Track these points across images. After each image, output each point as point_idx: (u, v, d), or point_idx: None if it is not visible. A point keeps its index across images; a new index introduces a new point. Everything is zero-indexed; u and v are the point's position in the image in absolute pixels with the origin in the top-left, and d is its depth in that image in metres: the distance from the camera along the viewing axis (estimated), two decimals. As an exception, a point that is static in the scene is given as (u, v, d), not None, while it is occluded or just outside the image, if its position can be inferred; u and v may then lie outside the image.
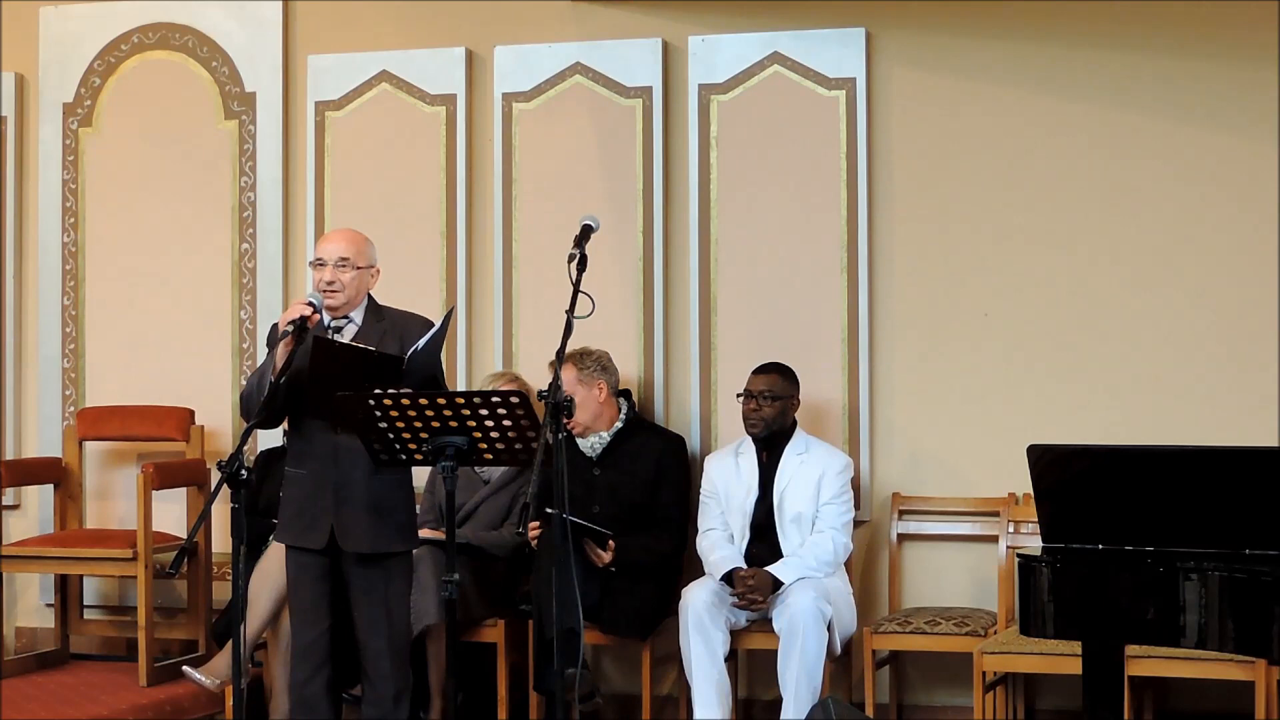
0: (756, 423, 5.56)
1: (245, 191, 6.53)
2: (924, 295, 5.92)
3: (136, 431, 6.38)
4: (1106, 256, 5.77)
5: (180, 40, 6.65)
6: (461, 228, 6.31)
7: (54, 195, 6.72)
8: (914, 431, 5.91)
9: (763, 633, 5.43)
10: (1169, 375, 5.69)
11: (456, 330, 6.26)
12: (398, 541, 4.73)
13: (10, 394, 6.77)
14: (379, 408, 4.29)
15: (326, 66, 6.47)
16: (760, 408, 5.55)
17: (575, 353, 5.68)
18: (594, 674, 5.95)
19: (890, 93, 5.97)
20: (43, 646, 6.53)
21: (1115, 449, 4.55)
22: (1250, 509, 3.98)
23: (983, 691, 5.22)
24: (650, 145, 6.13)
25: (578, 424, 5.64)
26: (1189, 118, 5.71)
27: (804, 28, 6.01)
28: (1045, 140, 5.83)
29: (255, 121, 6.54)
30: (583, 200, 5.98)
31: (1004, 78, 5.87)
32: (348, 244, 4.74)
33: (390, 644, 4.70)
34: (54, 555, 6.10)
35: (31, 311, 6.78)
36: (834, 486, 5.54)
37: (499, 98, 6.29)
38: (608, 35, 6.20)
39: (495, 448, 4.36)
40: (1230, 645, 3.89)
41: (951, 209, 5.91)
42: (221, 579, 6.29)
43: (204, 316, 6.50)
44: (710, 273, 6.07)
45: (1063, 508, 4.22)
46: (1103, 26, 5.77)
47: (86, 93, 6.73)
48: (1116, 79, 5.77)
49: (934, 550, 5.90)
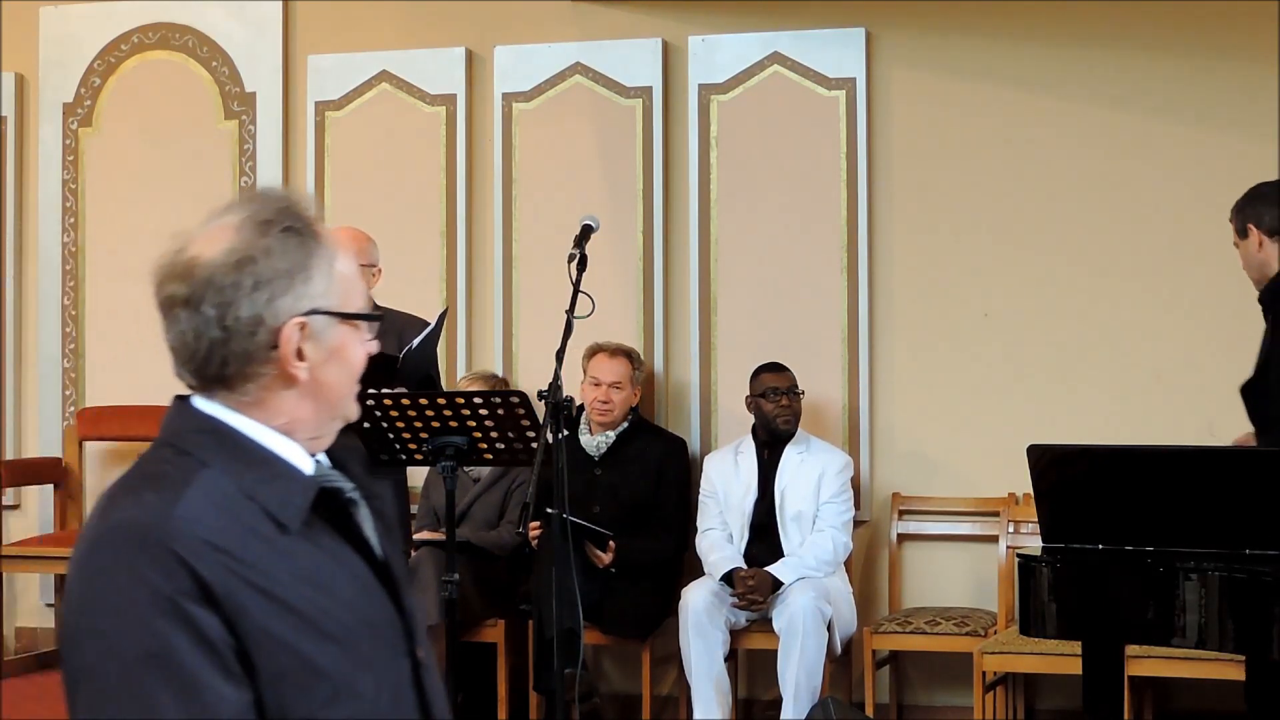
0: (790, 418, 5.58)
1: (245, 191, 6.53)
2: (924, 295, 5.92)
3: (136, 431, 6.37)
4: (1106, 256, 5.77)
5: (180, 40, 6.65)
6: (461, 228, 6.31)
7: (54, 195, 6.72)
8: (914, 431, 5.91)
9: (762, 633, 5.43)
10: (1169, 375, 5.69)
11: (456, 330, 6.27)
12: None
13: (10, 394, 6.77)
14: (379, 408, 4.29)
15: (326, 66, 6.47)
16: (791, 403, 5.57)
17: (627, 349, 5.74)
18: (594, 674, 5.95)
19: (890, 93, 5.97)
20: (43, 646, 6.53)
21: (1115, 449, 4.55)
22: (1250, 509, 3.98)
23: (983, 691, 5.22)
24: (650, 145, 6.13)
25: (612, 412, 5.66)
26: (1189, 118, 5.71)
27: (804, 28, 6.01)
28: (1045, 140, 5.83)
29: (255, 121, 6.54)
30: (583, 200, 5.98)
31: (1004, 78, 5.87)
32: (353, 242, 4.74)
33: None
34: (54, 555, 6.10)
35: (31, 311, 6.78)
36: (834, 485, 5.54)
37: (499, 98, 6.29)
38: (608, 35, 6.20)
39: (495, 448, 4.36)
40: (1230, 645, 3.89)
41: (951, 209, 5.91)
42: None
43: (204, 316, 6.48)
44: (710, 273, 6.07)
45: (1063, 508, 4.21)
46: (1103, 26, 5.78)
47: (86, 93, 6.73)
48: (1116, 79, 5.77)
49: (934, 550, 5.90)
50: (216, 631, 1.65)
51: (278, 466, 1.78)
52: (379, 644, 1.78)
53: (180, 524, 1.67)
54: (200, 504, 1.70)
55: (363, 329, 1.85)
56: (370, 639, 1.77)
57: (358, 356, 1.85)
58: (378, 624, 1.79)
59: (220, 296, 1.79)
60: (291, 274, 1.77)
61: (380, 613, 1.80)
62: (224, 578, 1.66)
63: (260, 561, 1.70)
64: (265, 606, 1.68)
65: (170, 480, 1.72)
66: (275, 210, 1.80)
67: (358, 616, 1.76)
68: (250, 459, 1.77)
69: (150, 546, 1.66)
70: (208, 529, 1.68)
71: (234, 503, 1.72)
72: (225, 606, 1.66)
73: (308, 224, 1.81)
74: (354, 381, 1.86)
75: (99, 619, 1.66)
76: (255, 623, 1.67)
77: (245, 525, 1.71)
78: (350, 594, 1.77)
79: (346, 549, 1.81)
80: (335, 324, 1.81)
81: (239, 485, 1.73)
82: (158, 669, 1.62)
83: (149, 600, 1.64)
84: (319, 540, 1.78)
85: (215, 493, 1.72)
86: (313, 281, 1.78)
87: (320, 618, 1.72)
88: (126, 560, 1.66)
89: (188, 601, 1.64)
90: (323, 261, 1.80)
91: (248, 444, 1.78)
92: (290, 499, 1.76)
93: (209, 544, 1.67)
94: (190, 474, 1.73)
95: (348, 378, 1.84)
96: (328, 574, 1.76)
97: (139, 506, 1.70)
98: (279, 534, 1.73)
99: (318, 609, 1.72)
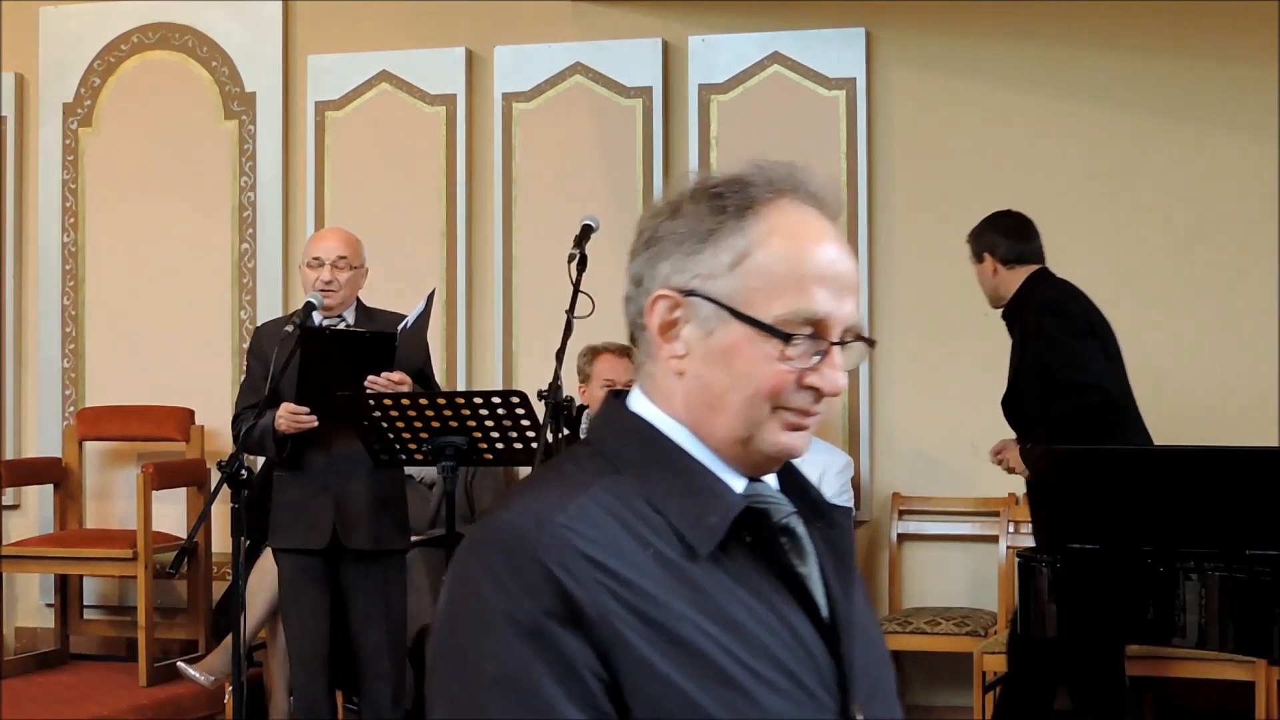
0: None
1: (245, 191, 6.53)
2: (924, 295, 5.92)
3: (136, 431, 6.38)
4: (1106, 256, 5.76)
5: (180, 40, 6.65)
6: (461, 228, 6.31)
7: (54, 195, 6.72)
8: (914, 431, 5.91)
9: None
10: (1169, 375, 5.69)
11: (456, 330, 6.27)
12: (397, 539, 4.73)
13: (10, 394, 6.77)
14: (379, 408, 4.29)
15: (326, 66, 6.47)
16: None
17: (626, 348, 5.72)
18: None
19: (890, 93, 5.97)
20: (43, 646, 6.53)
21: (1114, 449, 4.55)
22: (1250, 509, 3.98)
23: (983, 691, 5.22)
24: (650, 145, 6.13)
25: None
26: (1189, 118, 5.71)
27: (804, 28, 6.01)
28: (1045, 140, 5.83)
29: (255, 121, 6.54)
30: (583, 200, 5.97)
31: (1004, 78, 5.87)
32: (345, 243, 4.73)
33: (389, 642, 4.70)
34: (54, 555, 6.10)
35: (31, 311, 6.78)
36: (834, 485, 5.54)
37: (499, 98, 6.29)
38: (608, 35, 6.20)
39: (495, 448, 4.36)
40: (1230, 645, 3.90)
41: (951, 209, 5.91)
42: (221, 579, 6.29)
43: (204, 316, 6.49)
44: (710, 273, 6.06)
45: (1062, 508, 4.22)
46: (1102, 26, 5.78)
47: (86, 93, 6.73)
48: (1116, 79, 5.77)
49: (934, 550, 5.90)
50: (582, 659, 1.42)
51: (700, 480, 1.52)
52: (797, 701, 1.48)
53: (556, 533, 1.45)
54: (590, 512, 1.47)
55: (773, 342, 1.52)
56: (786, 695, 1.47)
57: (756, 371, 1.52)
58: (799, 676, 1.49)
59: (634, 244, 1.58)
60: (681, 240, 1.54)
61: (805, 663, 1.50)
62: (599, 598, 1.43)
63: (650, 585, 1.44)
64: (648, 637, 1.43)
65: (569, 481, 1.51)
66: (729, 179, 1.56)
67: (773, 665, 1.47)
68: (670, 467, 1.52)
69: (518, 556, 1.44)
70: (588, 541, 1.44)
71: (635, 515, 1.48)
72: (598, 632, 1.42)
73: (749, 201, 1.55)
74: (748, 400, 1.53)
75: (458, 632, 1.47)
76: (635, 656, 1.42)
77: (641, 541, 1.46)
78: (766, 637, 1.48)
79: (772, 584, 1.52)
80: (728, 320, 1.52)
81: (648, 496, 1.50)
82: (509, 696, 1.42)
83: (508, 617, 1.43)
84: (736, 570, 1.50)
85: (614, 502, 1.48)
86: (700, 257, 1.53)
87: (722, 660, 1.44)
88: (492, 569, 1.45)
89: (552, 622, 1.42)
90: (732, 240, 1.53)
91: (672, 451, 1.53)
92: (705, 516, 1.49)
93: (586, 558, 1.44)
94: (594, 477, 1.51)
95: (735, 389, 1.53)
96: (740, 611, 1.48)
97: (522, 508, 1.49)
98: (685, 557, 1.47)
99: (720, 650, 1.45)
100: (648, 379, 1.57)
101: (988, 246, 5.00)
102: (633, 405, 1.58)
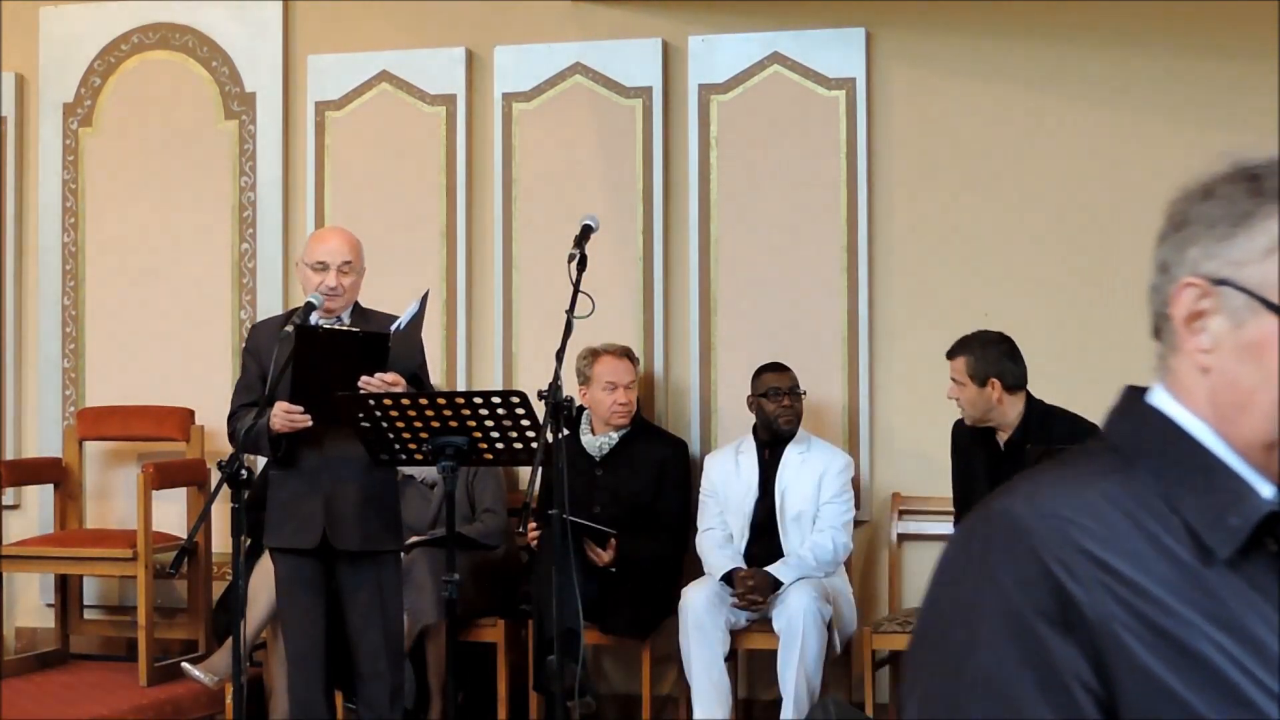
0: (791, 418, 5.59)
1: (245, 191, 6.53)
2: (924, 295, 5.92)
3: (136, 431, 6.38)
4: (1106, 256, 5.77)
5: (180, 40, 6.65)
6: (461, 228, 6.31)
7: (54, 195, 6.72)
8: (914, 431, 5.91)
9: (762, 633, 5.43)
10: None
11: (456, 330, 6.27)
12: (388, 539, 4.73)
13: (10, 394, 6.77)
14: (379, 408, 4.29)
15: (326, 66, 6.47)
16: (792, 403, 5.58)
17: (626, 348, 5.76)
18: (594, 674, 5.95)
19: (890, 93, 5.97)
20: (43, 646, 6.53)
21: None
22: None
23: (983, 691, 5.21)
24: (650, 145, 6.13)
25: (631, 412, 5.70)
26: (1189, 118, 5.71)
27: (804, 28, 6.01)
28: (1045, 140, 5.83)
29: (255, 121, 6.54)
30: (583, 200, 5.98)
31: (1004, 77, 5.87)
32: (350, 248, 4.72)
33: (385, 641, 4.70)
34: (54, 555, 6.10)
35: (31, 311, 6.78)
36: (835, 485, 5.54)
37: (499, 98, 6.29)
38: (608, 35, 6.20)
39: (495, 448, 4.37)
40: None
41: (952, 209, 5.91)
42: (221, 579, 6.29)
43: (204, 316, 6.50)
44: (710, 273, 6.07)
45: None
46: (1102, 26, 5.78)
47: (86, 93, 6.73)
48: (1116, 79, 5.77)
49: (934, 550, 5.86)
50: (1071, 667, 1.31)
51: (1222, 479, 1.39)
52: None
53: (1057, 525, 1.35)
54: (1097, 506, 1.36)
55: None
56: None
57: None
58: None
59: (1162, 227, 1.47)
60: (1213, 224, 1.42)
61: None
62: (1101, 600, 1.32)
63: (1158, 588, 1.33)
64: (1154, 646, 1.31)
65: (1078, 473, 1.42)
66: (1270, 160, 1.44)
67: None
68: (1191, 464, 1.40)
69: (1013, 547, 1.35)
70: (1092, 536, 1.34)
71: (1148, 512, 1.37)
72: (1097, 637, 1.32)
73: None
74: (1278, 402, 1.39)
75: (942, 621, 1.39)
76: (1136, 666, 1.31)
77: (1152, 540, 1.36)
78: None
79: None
80: (1260, 311, 1.39)
81: (1165, 494, 1.38)
82: (987, 699, 1.32)
83: (997, 612, 1.33)
84: (1258, 580, 1.36)
85: (1125, 497, 1.38)
86: (1234, 242, 1.40)
87: (1235, 677, 1.31)
88: (986, 558, 1.36)
89: (1043, 624, 1.32)
90: (1268, 225, 1.40)
91: (1194, 449, 1.41)
92: (1226, 517, 1.36)
93: (1088, 555, 1.33)
94: (1105, 472, 1.41)
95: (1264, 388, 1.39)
96: (1258, 625, 1.34)
97: (1023, 496, 1.39)
98: (1199, 560, 1.35)
99: (1234, 665, 1.32)
100: (1169, 373, 1.46)
101: (995, 373, 5.07)
102: (1153, 400, 1.46)
